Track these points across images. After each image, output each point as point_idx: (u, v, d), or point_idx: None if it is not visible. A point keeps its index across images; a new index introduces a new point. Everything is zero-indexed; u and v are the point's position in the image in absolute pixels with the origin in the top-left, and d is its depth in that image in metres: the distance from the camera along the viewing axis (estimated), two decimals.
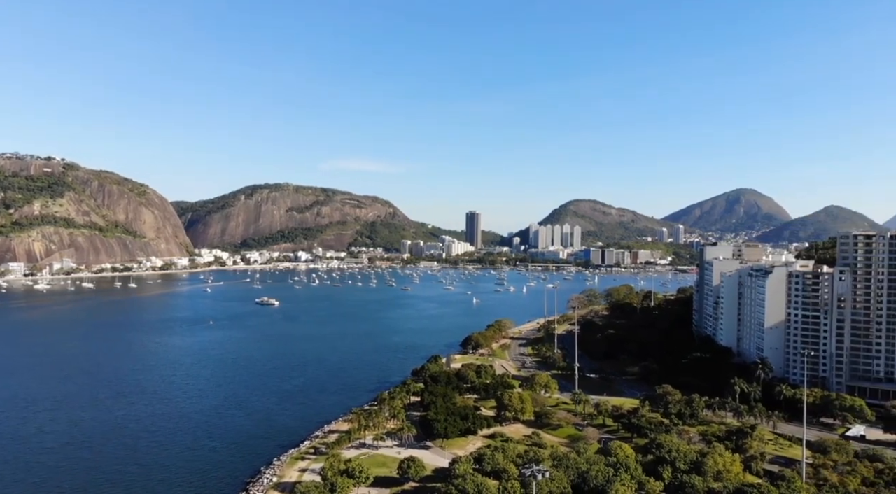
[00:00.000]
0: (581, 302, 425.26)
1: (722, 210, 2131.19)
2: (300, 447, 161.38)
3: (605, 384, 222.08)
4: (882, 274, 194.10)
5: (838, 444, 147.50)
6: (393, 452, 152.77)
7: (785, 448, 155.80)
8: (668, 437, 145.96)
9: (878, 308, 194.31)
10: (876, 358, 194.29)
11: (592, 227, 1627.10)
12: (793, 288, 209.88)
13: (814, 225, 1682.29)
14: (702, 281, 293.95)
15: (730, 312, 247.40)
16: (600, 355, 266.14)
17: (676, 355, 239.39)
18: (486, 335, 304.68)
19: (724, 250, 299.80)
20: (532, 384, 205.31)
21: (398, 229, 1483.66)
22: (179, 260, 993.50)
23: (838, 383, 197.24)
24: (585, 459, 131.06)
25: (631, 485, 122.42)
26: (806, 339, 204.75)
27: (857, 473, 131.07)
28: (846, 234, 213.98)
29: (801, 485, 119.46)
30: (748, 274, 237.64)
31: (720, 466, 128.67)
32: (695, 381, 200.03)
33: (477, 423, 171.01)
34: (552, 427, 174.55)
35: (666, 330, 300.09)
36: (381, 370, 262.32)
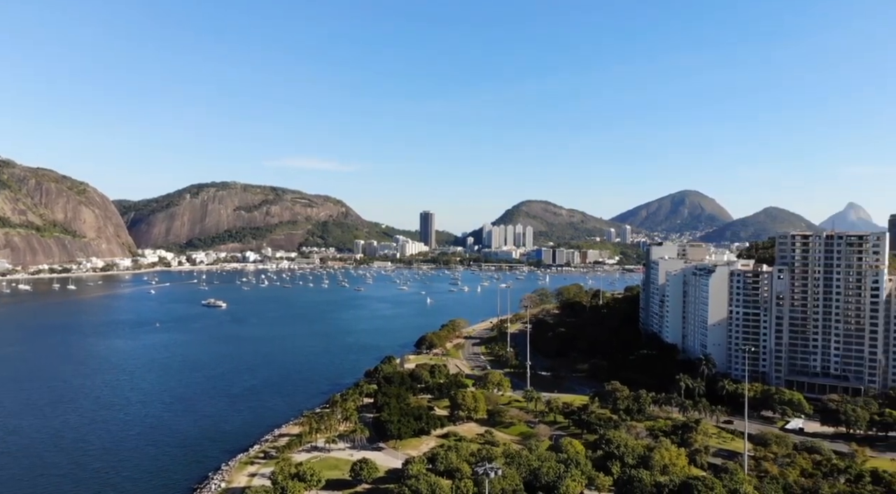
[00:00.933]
0: (533, 302, 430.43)
1: (667, 211, 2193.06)
2: (249, 451, 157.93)
3: (557, 381, 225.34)
4: (818, 272, 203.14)
5: (778, 437, 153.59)
6: (345, 454, 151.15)
7: (728, 442, 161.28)
8: (617, 433, 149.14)
9: (815, 305, 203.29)
10: (813, 354, 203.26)
11: (544, 228, 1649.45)
12: (734, 286, 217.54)
13: (754, 225, 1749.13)
14: (648, 280, 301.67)
15: (675, 310, 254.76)
16: (552, 353, 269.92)
17: (624, 352, 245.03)
18: (441, 335, 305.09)
19: (669, 250, 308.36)
20: (485, 383, 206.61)
21: (351, 229, 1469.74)
22: (122, 261, 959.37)
23: (778, 378, 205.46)
24: (537, 456, 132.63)
25: (581, 481, 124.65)
26: (747, 336, 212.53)
27: (796, 465, 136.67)
28: (784, 234, 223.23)
29: (744, 477, 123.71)
30: (692, 273, 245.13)
31: (666, 460, 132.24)
32: (642, 377, 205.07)
33: (430, 423, 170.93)
34: (505, 425, 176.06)
35: (614, 327, 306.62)
36: (334, 372, 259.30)
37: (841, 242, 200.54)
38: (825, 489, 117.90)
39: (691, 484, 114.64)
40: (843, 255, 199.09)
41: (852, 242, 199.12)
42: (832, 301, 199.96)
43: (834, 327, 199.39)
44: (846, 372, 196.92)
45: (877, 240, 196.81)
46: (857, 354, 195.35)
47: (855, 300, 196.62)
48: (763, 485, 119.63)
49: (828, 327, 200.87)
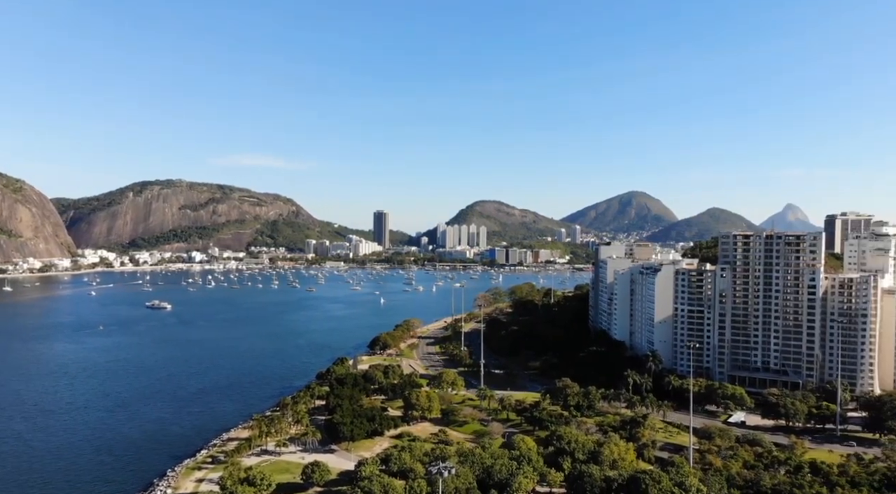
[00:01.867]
0: (487, 301, 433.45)
1: (615, 211, 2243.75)
2: (196, 456, 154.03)
3: (510, 379, 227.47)
4: (758, 271, 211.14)
5: (721, 430, 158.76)
6: (296, 457, 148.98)
7: (674, 436, 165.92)
8: (568, 429, 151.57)
9: (755, 302, 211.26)
10: (754, 349, 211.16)
11: (497, 228, 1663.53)
12: (679, 284, 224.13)
13: (698, 225, 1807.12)
14: (597, 278, 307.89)
15: (623, 308, 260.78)
16: (505, 351, 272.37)
17: (575, 349, 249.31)
18: (395, 335, 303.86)
19: (617, 249, 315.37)
20: (439, 382, 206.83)
21: (302, 228, 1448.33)
22: (60, 262, 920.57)
23: (721, 373, 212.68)
24: (490, 454, 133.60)
25: (533, 477, 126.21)
26: (692, 332, 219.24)
27: (739, 457, 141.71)
28: (726, 234, 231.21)
29: (689, 470, 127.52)
30: (639, 271, 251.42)
31: (615, 455, 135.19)
32: (592, 374, 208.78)
33: (384, 424, 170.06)
34: (459, 424, 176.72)
35: (565, 325, 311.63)
36: (285, 374, 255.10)
37: (780, 242, 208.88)
38: (766, 480, 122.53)
39: (639, 478, 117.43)
40: (782, 255, 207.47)
41: (790, 242, 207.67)
42: (772, 298, 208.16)
43: (773, 324, 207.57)
44: (785, 366, 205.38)
45: (813, 240, 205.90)
46: (795, 350, 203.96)
47: (793, 297, 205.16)
48: (707, 478, 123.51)
49: (768, 324, 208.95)
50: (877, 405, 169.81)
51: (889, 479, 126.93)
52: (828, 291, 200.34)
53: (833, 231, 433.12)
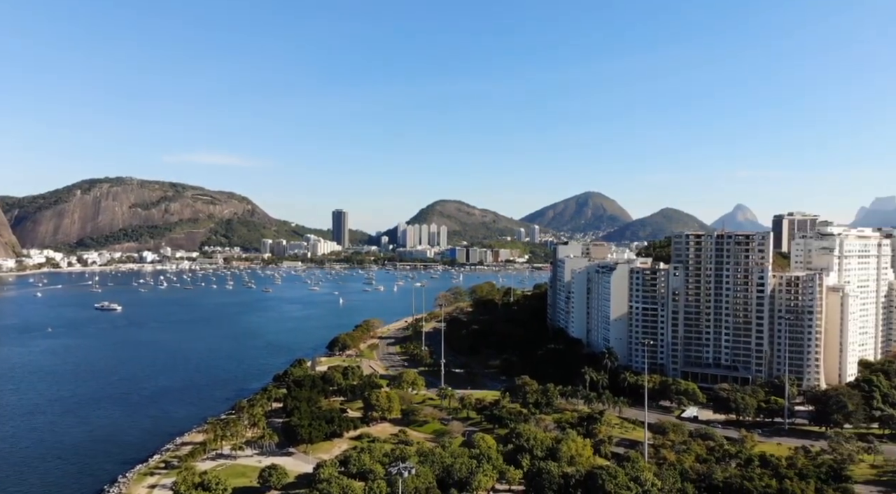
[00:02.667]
0: (447, 300, 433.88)
1: (573, 211, 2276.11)
2: (149, 462, 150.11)
3: (470, 378, 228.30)
4: (710, 269, 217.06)
5: (675, 425, 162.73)
6: (253, 461, 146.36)
7: (629, 431, 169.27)
8: (527, 426, 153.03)
9: (707, 300, 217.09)
10: (706, 346, 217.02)
11: (458, 227, 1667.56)
12: (634, 283, 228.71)
13: (652, 225, 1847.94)
14: (555, 277, 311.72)
15: (580, 306, 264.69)
16: (465, 350, 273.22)
17: (534, 347, 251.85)
18: (354, 335, 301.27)
19: (574, 249, 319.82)
20: (400, 382, 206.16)
21: (258, 227, 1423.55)
22: (4, 262, 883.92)
23: (674, 369, 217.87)
24: (450, 453, 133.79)
25: (493, 475, 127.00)
26: (646, 330, 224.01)
27: (692, 451, 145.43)
28: (679, 234, 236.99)
29: (644, 465, 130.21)
30: (595, 270, 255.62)
31: (573, 451, 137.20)
32: (550, 371, 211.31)
33: (343, 425, 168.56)
34: (419, 424, 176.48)
35: (524, 324, 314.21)
36: (241, 377, 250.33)
37: (730, 241, 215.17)
38: (718, 473, 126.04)
39: (596, 474, 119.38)
40: (732, 254, 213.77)
41: (740, 241, 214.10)
42: (722, 296, 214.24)
43: (724, 321, 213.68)
44: (736, 362, 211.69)
45: (762, 240, 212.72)
46: (745, 346, 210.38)
47: (743, 295, 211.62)
48: (662, 472, 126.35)
49: (719, 321, 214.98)
50: (822, 399, 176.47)
51: (835, 471, 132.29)
52: (775, 289, 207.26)
53: (780, 230, 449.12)
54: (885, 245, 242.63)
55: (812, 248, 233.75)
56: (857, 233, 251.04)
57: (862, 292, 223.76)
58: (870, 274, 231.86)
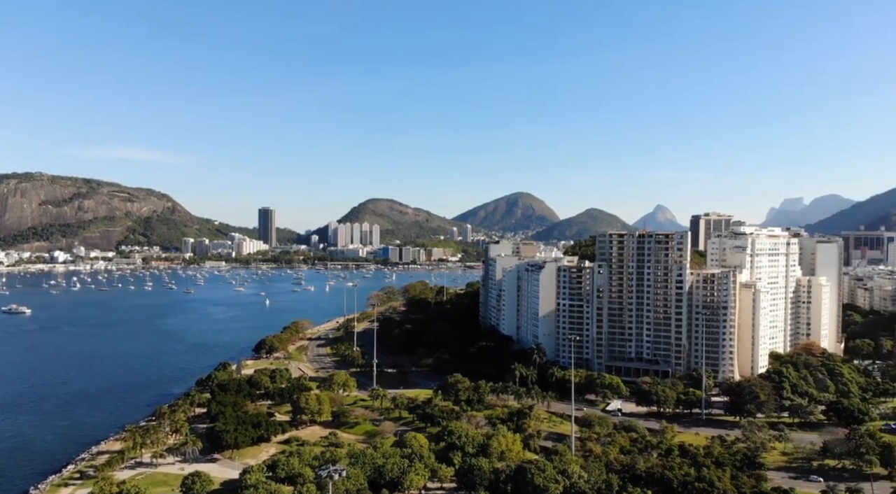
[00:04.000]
0: (380, 299, 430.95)
1: (503, 211, 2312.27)
2: (63, 472, 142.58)
3: (403, 377, 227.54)
4: (632, 267, 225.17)
5: (600, 418, 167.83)
6: (175, 469, 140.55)
7: (557, 425, 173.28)
8: (458, 424, 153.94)
9: (629, 297, 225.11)
10: (629, 341, 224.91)
11: (390, 226, 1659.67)
12: (561, 281, 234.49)
13: (578, 225, 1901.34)
14: (487, 276, 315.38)
15: (510, 303, 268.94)
16: (398, 349, 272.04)
17: (466, 345, 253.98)
18: (282, 337, 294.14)
19: (505, 248, 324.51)
20: (330, 384, 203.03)
21: (179, 226, 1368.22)
22: None
23: (599, 363, 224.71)
24: (382, 453, 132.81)
25: (424, 474, 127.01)
26: (573, 326, 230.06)
27: (616, 443, 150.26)
28: (603, 234, 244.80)
29: (571, 458, 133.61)
30: (525, 269, 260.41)
31: (503, 447, 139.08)
32: (482, 369, 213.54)
33: (271, 429, 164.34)
34: (350, 426, 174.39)
35: (457, 322, 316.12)
36: (161, 382, 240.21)
37: (650, 241, 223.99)
38: (641, 464, 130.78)
39: (525, 468, 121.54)
40: (653, 252, 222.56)
41: (660, 240, 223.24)
42: (644, 293, 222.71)
43: (646, 316, 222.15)
44: (657, 356, 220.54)
45: (680, 239, 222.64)
46: (665, 340, 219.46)
47: (663, 292, 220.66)
48: (588, 464, 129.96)
49: (640, 316, 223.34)
50: (737, 390, 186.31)
51: (749, 458, 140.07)
52: (693, 286, 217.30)
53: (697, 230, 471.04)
54: (793, 244, 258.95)
55: (726, 247, 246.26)
56: (768, 232, 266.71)
57: (772, 288, 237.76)
58: (779, 272, 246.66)
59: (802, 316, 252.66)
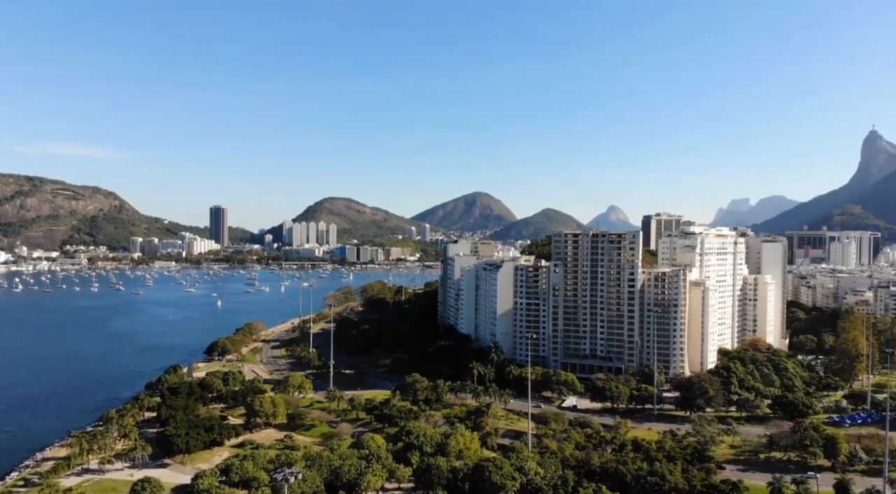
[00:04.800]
0: (337, 300, 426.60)
1: (462, 211, 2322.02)
2: (6, 480, 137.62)
3: (360, 378, 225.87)
4: (586, 266, 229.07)
5: (556, 415, 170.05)
6: (124, 475, 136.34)
7: (514, 422, 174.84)
8: (416, 423, 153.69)
9: (584, 295, 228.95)
10: (583, 338, 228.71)
11: (347, 225, 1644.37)
12: (518, 280, 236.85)
13: (534, 225, 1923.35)
14: (445, 275, 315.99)
15: (469, 303, 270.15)
16: (356, 350, 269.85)
17: (424, 344, 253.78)
18: (235, 339, 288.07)
19: (463, 247, 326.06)
20: (285, 386, 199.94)
21: (126, 225, 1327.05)
22: None
23: (555, 361, 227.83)
24: (339, 455, 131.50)
25: (382, 474, 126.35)
26: (530, 324, 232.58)
27: (572, 439, 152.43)
28: (559, 234, 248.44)
29: (528, 455, 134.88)
30: (483, 268, 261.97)
31: (461, 445, 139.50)
32: (440, 368, 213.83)
33: (224, 433, 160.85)
34: (306, 428, 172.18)
35: (416, 322, 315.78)
36: (109, 386, 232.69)
37: (604, 240, 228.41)
38: (595, 459, 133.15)
39: (483, 466, 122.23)
40: (606, 252, 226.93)
41: (613, 240, 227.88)
42: (598, 291, 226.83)
43: (600, 314, 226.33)
44: (610, 353, 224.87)
45: (632, 239, 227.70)
46: (618, 337, 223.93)
47: (615, 290, 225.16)
48: (544, 460, 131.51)
49: (595, 314, 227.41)
50: (687, 385, 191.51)
51: (699, 452, 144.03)
52: (645, 284, 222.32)
53: (649, 230, 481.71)
54: (740, 243, 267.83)
55: (677, 246, 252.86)
56: (716, 232, 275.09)
57: (720, 286, 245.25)
58: (727, 270, 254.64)
59: (749, 313, 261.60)
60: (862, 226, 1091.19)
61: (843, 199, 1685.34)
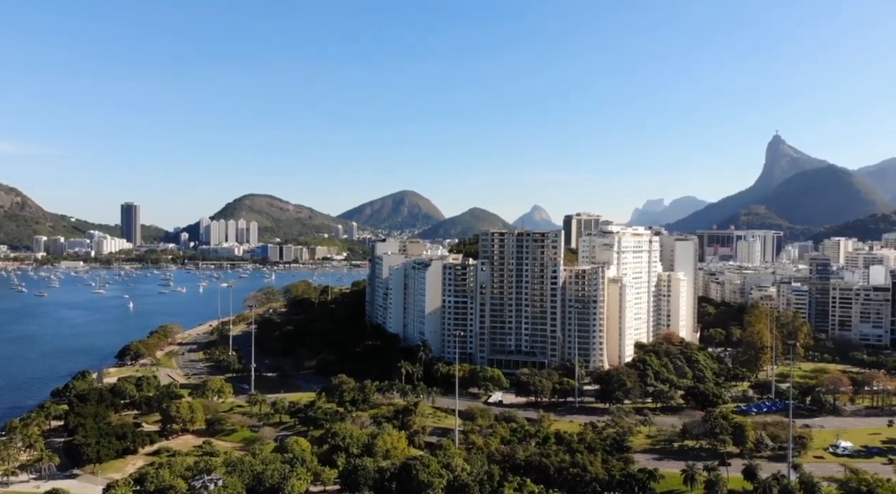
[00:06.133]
0: (259, 301, 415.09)
1: (390, 209, 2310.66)
2: None
3: (284, 381, 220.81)
4: (512, 264, 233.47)
5: (482, 411, 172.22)
6: (30, 487, 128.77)
7: (442, 420, 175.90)
8: (342, 425, 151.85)
9: (510, 292, 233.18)
10: (509, 334, 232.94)
11: (270, 223, 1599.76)
12: (447, 278, 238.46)
13: (462, 223, 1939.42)
14: (373, 274, 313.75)
15: (397, 301, 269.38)
16: (279, 352, 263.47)
17: (351, 345, 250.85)
18: (149, 343, 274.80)
19: (392, 246, 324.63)
20: (204, 390, 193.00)
21: (29, 222, 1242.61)
22: None
23: (482, 357, 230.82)
24: (261, 460, 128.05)
25: (307, 478, 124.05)
26: (457, 321, 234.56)
27: (497, 434, 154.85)
28: (485, 233, 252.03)
29: (455, 451, 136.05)
30: (412, 267, 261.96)
31: (388, 445, 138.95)
32: (368, 368, 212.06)
33: (137, 441, 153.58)
34: (226, 433, 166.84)
35: (342, 322, 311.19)
36: (11, 393, 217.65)
37: (528, 239, 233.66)
38: (520, 453, 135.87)
39: (410, 465, 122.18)
40: (530, 250, 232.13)
41: (537, 239, 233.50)
42: (523, 288, 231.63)
43: (524, 311, 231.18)
44: (534, 348, 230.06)
45: (555, 237, 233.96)
46: (541, 333, 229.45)
47: (539, 287, 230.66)
48: (471, 456, 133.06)
49: (520, 311, 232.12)
50: (606, 378, 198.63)
51: (617, 443, 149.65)
52: (566, 281, 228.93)
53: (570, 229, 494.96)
54: (655, 241, 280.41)
55: (596, 245, 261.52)
56: (632, 231, 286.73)
57: (636, 283, 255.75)
58: (643, 267, 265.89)
59: (663, 308, 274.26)
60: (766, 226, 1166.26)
61: (749, 200, 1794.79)
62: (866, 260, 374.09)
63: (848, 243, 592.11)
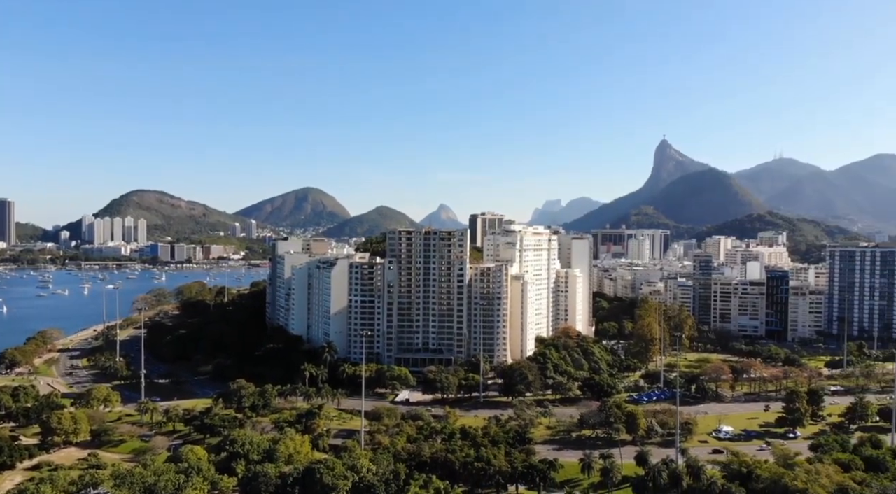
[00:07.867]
0: (148, 303, 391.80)
1: (292, 206, 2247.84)
2: None
3: (177, 387, 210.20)
4: (419, 263, 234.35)
5: (389, 410, 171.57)
6: None
7: (347, 421, 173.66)
8: (241, 431, 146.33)
9: (417, 291, 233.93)
10: (416, 333, 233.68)
11: (160, 221, 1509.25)
12: (353, 277, 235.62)
13: (369, 222, 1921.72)
14: (274, 274, 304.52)
15: (300, 302, 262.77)
16: (172, 357, 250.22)
17: (251, 348, 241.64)
18: (26, 350, 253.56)
19: (294, 245, 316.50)
20: (88, 400, 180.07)
21: None
22: None
23: (389, 356, 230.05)
24: (153, 470, 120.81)
25: (203, 487, 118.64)
26: (364, 321, 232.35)
27: (404, 432, 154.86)
28: (393, 231, 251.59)
29: (360, 453, 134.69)
30: (316, 266, 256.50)
31: (291, 450, 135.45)
32: (269, 371, 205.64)
33: (15, 455, 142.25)
34: (114, 444, 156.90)
35: (241, 324, 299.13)
36: None
37: (435, 238, 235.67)
38: (426, 450, 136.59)
39: (314, 469, 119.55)
40: (437, 249, 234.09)
41: (443, 238, 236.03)
42: (430, 287, 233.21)
43: (432, 309, 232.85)
44: (441, 346, 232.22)
45: (461, 236, 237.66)
46: (448, 330, 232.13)
47: (446, 285, 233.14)
48: (377, 456, 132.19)
49: (427, 309, 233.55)
50: (509, 372, 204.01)
51: (520, 435, 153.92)
52: (472, 279, 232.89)
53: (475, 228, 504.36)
54: (553, 240, 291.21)
55: (500, 243, 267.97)
56: (533, 230, 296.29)
57: (537, 280, 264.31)
58: (542, 265, 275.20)
59: (562, 304, 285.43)
60: (654, 225, 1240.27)
61: (639, 201, 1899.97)
62: (744, 256, 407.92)
63: (727, 241, 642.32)
